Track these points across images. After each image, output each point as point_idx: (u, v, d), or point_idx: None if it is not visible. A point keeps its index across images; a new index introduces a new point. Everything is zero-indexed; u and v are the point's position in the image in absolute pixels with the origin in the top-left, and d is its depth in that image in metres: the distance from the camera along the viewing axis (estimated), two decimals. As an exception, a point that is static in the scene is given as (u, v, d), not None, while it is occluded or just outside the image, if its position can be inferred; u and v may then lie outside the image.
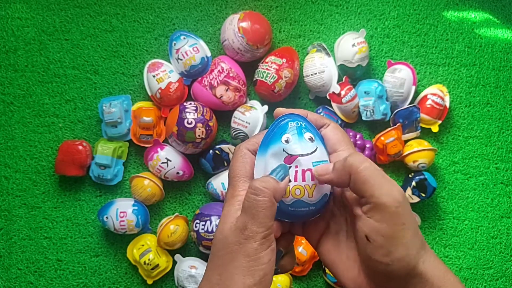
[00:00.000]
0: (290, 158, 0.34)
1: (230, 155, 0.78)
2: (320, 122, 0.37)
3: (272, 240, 0.33)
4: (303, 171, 0.34)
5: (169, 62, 0.80)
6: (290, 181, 0.34)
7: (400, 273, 0.31)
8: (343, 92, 0.78)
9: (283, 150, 0.34)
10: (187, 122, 0.73)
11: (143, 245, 0.78)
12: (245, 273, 0.31)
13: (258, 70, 0.79)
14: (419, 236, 0.32)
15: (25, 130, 0.82)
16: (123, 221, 0.75)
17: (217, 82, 0.77)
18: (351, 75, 0.80)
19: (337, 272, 0.35)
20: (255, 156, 0.36)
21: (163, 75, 0.77)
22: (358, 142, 0.80)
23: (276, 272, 0.35)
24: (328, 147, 0.36)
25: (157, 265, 0.76)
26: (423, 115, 0.80)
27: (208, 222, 0.74)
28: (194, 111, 0.74)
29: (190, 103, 0.76)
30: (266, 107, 0.77)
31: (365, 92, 0.79)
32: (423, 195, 0.77)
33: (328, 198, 0.36)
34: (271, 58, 0.78)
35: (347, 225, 0.36)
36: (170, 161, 0.77)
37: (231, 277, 0.31)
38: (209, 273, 0.33)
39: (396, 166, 0.83)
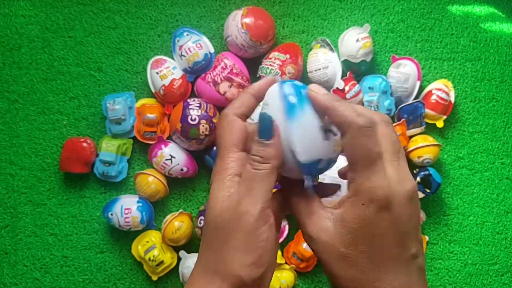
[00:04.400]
0: None
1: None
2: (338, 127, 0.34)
3: (270, 215, 0.31)
4: None
5: (173, 58, 0.80)
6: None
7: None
8: (347, 88, 0.78)
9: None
10: (191, 119, 0.73)
11: (148, 242, 0.78)
12: (242, 251, 0.29)
13: (261, 66, 0.78)
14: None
15: (29, 127, 0.82)
16: (128, 217, 0.76)
17: (221, 78, 0.77)
18: (355, 70, 0.80)
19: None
20: (244, 121, 0.33)
21: (166, 71, 0.77)
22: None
23: None
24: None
25: (162, 262, 0.77)
26: (427, 111, 0.79)
27: (212, 218, 0.74)
28: (197, 108, 0.74)
29: (194, 100, 0.76)
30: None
31: (369, 88, 0.79)
32: (428, 190, 0.77)
33: None
34: (274, 54, 0.78)
35: None
36: (174, 157, 0.77)
37: (228, 255, 0.30)
38: (202, 255, 0.31)
39: (401, 162, 0.83)
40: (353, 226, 0.29)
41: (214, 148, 0.79)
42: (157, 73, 0.77)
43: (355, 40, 0.78)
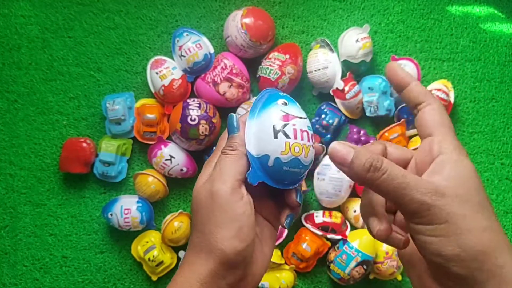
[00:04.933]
0: (288, 116, 0.34)
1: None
2: (418, 99, 0.33)
3: (243, 194, 0.33)
4: (301, 131, 0.34)
5: (172, 59, 0.80)
6: (288, 137, 0.33)
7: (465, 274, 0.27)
8: (346, 88, 0.78)
9: (280, 110, 0.34)
10: (191, 119, 0.73)
11: (147, 242, 0.78)
12: (222, 225, 0.32)
13: (261, 66, 0.79)
14: (491, 230, 0.28)
15: (29, 127, 0.82)
16: (128, 218, 0.76)
17: (220, 78, 0.77)
18: (355, 70, 0.80)
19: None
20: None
21: (166, 72, 0.77)
22: (362, 139, 0.80)
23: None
24: (422, 130, 0.32)
25: (162, 262, 0.77)
26: (427, 111, 0.79)
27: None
28: (197, 108, 0.74)
29: (194, 100, 0.76)
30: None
31: (369, 88, 0.79)
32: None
33: (311, 164, 0.36)
34: (274, 54, 0.78)
35: None
36: (174, 158, 0.77)
37: (209, 232, 0.32)
38: (191, 236, 0.35)
39: (400, 162, 0.83)
40: (470, 175, 0.29)
41: (214, 148, 0.78)
42: (156, 73, 0.77)
43: (354, 41, 0.78)
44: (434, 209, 0.27)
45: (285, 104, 0.35)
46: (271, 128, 0.33)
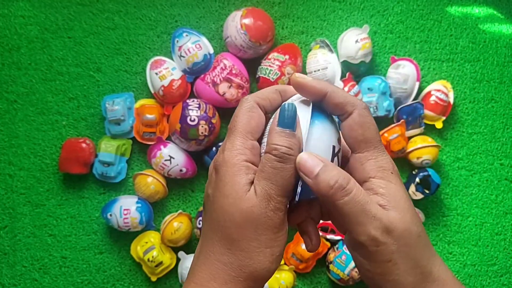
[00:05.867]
0: (341, 140, 0.31)
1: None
2: (340, 109, 0.30)
3: (287, 211, 0.31)
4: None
5: (172, 59, 0.80)
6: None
7: None
8: (346, 89, 0.78)
9: (337, 130, 0.31)
10: (190, 120, 0.73)
11: (146, 242, 0.78)
12: (272, 245, 0.29)
13: (260, 67, 0.79)
14: (418, 269, 0.28)
15: (28, 128, 0.82)
16: (127, 218, 0.76)
17: (220, 79, 0.77)
18: (355, 71, 0.80)
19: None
20: (263, 112, 0.31)
21: (165, 72, 0.77)
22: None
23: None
24: (348, 145, 0.31)
25: (161, 262, 0.77)
26: (427, 111, 0.79)
27: (211, 219, 0.74)
28: (197, 108, 0.74)
29: (193, 101, 0.76)
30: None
31: (368, 89, 0.79)
32: (427, 191, 0.77)
33: None
34: (273, 54, 0.78)
35: None
36: (173, 158, 0.77)
37: (256, 251, 0.29)
38: (222, 249, 0.30)
39: (400, 163, 0.83)
40: (402, 196, 0.29)
41: (214, 148, 0.78)
42: (156, 73, 0.77)
43: (354, 41, 0.78)
44: (382, 246, 0.27)
45: (336, 123, 0.32)
46: (331, 149, 0.30)
